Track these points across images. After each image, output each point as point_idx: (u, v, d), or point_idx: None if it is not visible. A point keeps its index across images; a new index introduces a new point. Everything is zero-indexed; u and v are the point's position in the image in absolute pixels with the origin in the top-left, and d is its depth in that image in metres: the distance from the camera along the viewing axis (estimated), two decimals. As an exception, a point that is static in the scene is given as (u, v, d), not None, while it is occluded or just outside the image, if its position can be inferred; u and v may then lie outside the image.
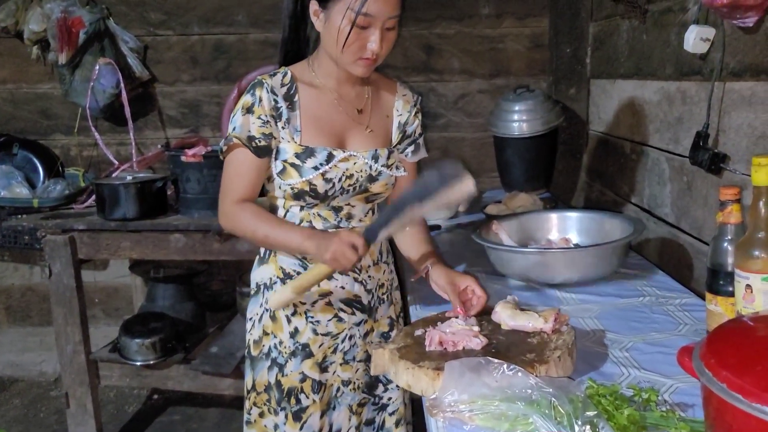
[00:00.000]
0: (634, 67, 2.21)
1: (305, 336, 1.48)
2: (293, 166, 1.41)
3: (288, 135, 1.42)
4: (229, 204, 1.43)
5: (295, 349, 1.48)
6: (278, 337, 1.49)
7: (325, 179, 1.42)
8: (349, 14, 1.32)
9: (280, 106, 1.41)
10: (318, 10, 1.39)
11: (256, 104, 1.40)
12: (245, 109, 1.41)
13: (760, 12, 1.34)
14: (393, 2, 1.34)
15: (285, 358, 1.48)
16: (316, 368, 1.49)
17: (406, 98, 1.57)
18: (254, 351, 1.52)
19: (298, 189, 1.42)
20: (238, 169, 1.43)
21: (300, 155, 1.41)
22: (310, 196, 1.43)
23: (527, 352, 1.19)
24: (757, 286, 1.11)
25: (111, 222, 2.41)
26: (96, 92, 2.78)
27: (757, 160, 1.10)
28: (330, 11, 1.35)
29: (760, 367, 0.79)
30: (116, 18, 2.94)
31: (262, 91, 1.40)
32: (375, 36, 1.34)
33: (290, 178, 1.42)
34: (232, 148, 1.42)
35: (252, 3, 2.98)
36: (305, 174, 1.41)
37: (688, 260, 1.82)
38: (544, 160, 2.73)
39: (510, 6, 2.98)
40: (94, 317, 3.15)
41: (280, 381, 1.49)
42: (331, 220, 1.48)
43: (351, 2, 1.31)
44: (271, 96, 1.40)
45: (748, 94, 1.49)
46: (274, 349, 1.49)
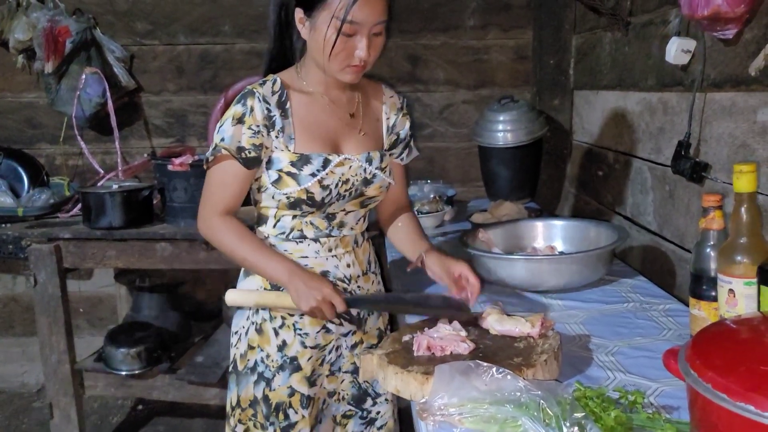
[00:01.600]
0: (617, 79, 2.25)
1: (293, 349, 1.45)
2: (289, 175, 1.39)
3: (282, 144, 1.39)
4: (210, 213, 1.42)
5: (283, 363, 1.45)
6: (265, 351, 1.45)
7: (322, 186, 1.40)
8: (335, 22, 1.30)
9: (273, 114, 1.38)
10: (303, 18, 1.37)
11: (246, 114, 1.37)
12: (235, 120, 1.37)
13: (739, 24, 1.38)
14: (379, 8, 1.32)
15: (272, 372, 1.45)
16: (305, 382, 1.46)
17: (392, 101, 1.57)
18: (240, 365, 1.48)
19: (295, 198, 1.40)
20: (224, 179, 1.40)
21: (295, 163, 1.39)
22: (307, 204, 1.41)
23: (514, 356, 1.20)
24: (739, 290, 1.13)
25: (96, 231, 2.39)
26: (82, 101, 2.77)
27: (739, 167, 1.13)
28: (315, 20, 1.34)
29: (743, 368, 0.81)
30: (103, 27, 2.93)
31: (254, 100, 1.37)
32: (362, 43, 1.33)
33: (287, 186, 1.39)
34: (219, 159, 1.39)
35: (238, 13, 2.99)
36: (303, 182, 1.39)
37: (671, 267, 1.85)
38: (529, 169, 2.76)
39: (495, 18, 3.02)
40: (79, 327, 3.11)
41: (268, 395, 1.45)
42: (323, 228, 1.46)
43: (336, 10, 1.30)
44: (263, 105, 1.37)
45: (728, 105, 1.53)
46: (260, 363, 1.46)
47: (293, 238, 1.46)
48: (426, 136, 3.12)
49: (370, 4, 1.31)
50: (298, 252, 1.46)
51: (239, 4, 2.98)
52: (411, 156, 1.63)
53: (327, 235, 1.47)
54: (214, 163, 1.41)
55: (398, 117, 1.57)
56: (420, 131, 3.11)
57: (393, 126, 1.56)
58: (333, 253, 1.48)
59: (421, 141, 3.11)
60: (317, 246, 1.46)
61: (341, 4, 1.29)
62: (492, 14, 3.02)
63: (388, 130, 1.56)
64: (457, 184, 3.03)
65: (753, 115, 1.42)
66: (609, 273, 1.79)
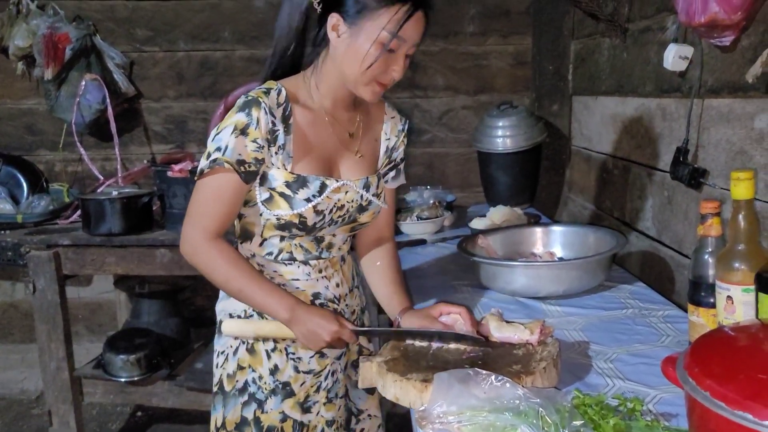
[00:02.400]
0: (616, 84, 2.25)
1: (286, 374, 1.38)
2: (282, 196, 1.31)
3: (280, 161, 1.30)
4: (200, 235, 1.28)
5: (275, 387, 1.38)
6: (257, 372, 1.38)
7: (316, 212, 1.32)
8: (383, 35, 1.24)
9: (277, 129, 1.29)
10: (339, 25, 1.28)
11: (252, 126, 1.26)
12: (239, 130, 1.26)
13: (736, 31, 1.39)
14: (422, 29, 1.29)
15: (265, 394, 1.38)
16: (297, 408, 1.39)
17: (394, 121, 1.51)
18: (227, 386, 1.40)
19: (285, 221, 1.32)
20: (219, 194, 1.28)
21: (291, 185, 1.31)
22: (297, 228, 1.33)
23: (513, 363, 1.20)
24: (737, 297, 1.13)
25: (96, 237, 2.40)
26: (82, 108, 2.77)
27: (736, 174, 1.13)
28: (359, 28, 1.26)
29: (742, 376, 0.81)
30: (103, 34, 2.94)
31: (260, 111, 1.26)
32: (400, 62, 1.29)
33: (278, 208, 1.31)
34: (216, 171, 1.27)
35: (238, 20, 3.00)
36: (296, 206, 1.31)
37: (670, 273, 1.85)
38: (528, 175, 2.76)
39: (494, 24, 3.03)
40: (78, 334, 3.11)
41: (259, 418, 1.37)
42: (312, 251, 1.40)
43: (387, 23, 1.24)
44: (269, 117, 1.27)
45: (725, 111, 1.54)
46: (252, 383, 1.38)
47: (282, 260, 1.39)
48: (425, 142, 3.12)
49: (420, 24, 1.27)
50: (288, 274, 1.39)
51: (239, 11, 2.99)
52: (398, 181, 1.54)
53: (317, 257, 1.41)
54: (208, 175, 1.28)
55: (398, 140, 1.51)
56: (419, 137, 3.12)
57: (391, 148, 1.50)
58: (323, 275, 1.43)
59: (420, 147, 3.12)
60: (308, 268, 1.41)
61: (395, 17, 1.24)
62: (491, 20, 3.03)
63: (387, 151, 1.50)
64: (457, 189, 3.04)
65: (750, 121, 1.43)
66: (608, 279, 1.79)
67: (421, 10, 1.27)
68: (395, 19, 1.24)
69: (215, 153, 1.26)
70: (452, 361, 1.23)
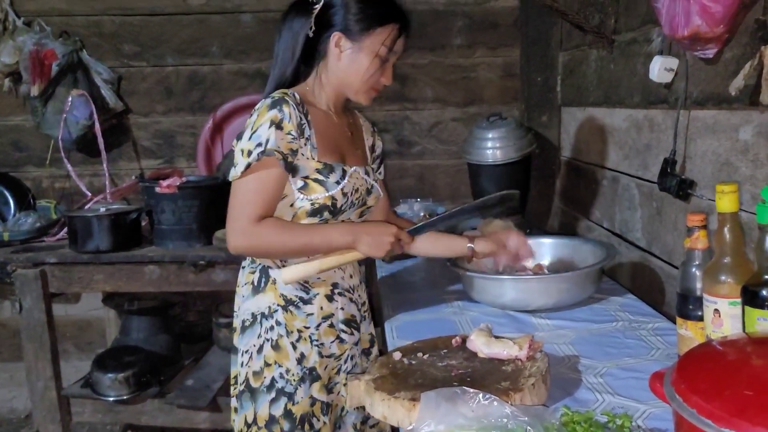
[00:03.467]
0: (603, 96, 2.26)
1: (312, 360, 1.48)
2: (317, 182, 1.45)
3: (308, 152, 1.45)
4: (247, 222, 1.38)
5: (303, 375, 1.47)
6: (284, 366, 1.46)
7: (343, 193, 1.47)
8: (382, 49, 1.47)
9: (303, 123, 1.44)
10: (342, 42, 1.48)
11: (285, 119, 1.40)
12: (275, 125, 1.39)
13: (719, 44, 1.39)
14: (405, 43, 1.54)
15: (294, 385, 1.46)
16: (323, 390, 1.50)
17: (366, 125, 1.70)
18: (254, 383, 1.47)
19: (320, 204, 1.45)
20: (263, 185, 1.39)
21: (321, 171, 1.45)
22: (329, 211, 1.47)
23: (502, 380, 1.19)
24: (724, 310, 1.13)
25: (83, 254, 2.38)
26: (69, 124, 2.76)
27: (721, 187, 1.13)
28: (361, 44, 1.47)
29: (728, 392, 0.81)
30: (90, 50, 2.93)
31: (289, 107, 1.41)
32: (389, 71, 1.52)
33: (314, 192, 1.44)
34: (264, 164, 1.38)
35: (226, 34, 3.00)
36: (330, 188, 1.45)
37: (660, 284, 1.85)
38: (518, 186, 2.74)
39: (482, 36, 3.04)
40: (66, 352, 3.08)
41: (291, 410, 1.45)
42: None
43: (385, 38, 1.47)
44: (296, 112, 1.42)
45: (711, 122, 1.54)
46: (280, 378, 1.46)
47: None
48: (415, 154, 3.12)
49: (404, 38, 1.52)
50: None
51: (227, 26, 2.99)
52: (382, 174, 1.72)
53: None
54: (251, 171, 1.39)
55: (374, 138, 1.71)
56: (409, 149, 3.12)
57: (372, 145, 1.70)
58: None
59: (410, 159, 3.12)
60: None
61: (392, 34, 1.48)
62: (479, 33, 3.04)
63: (370, 149, 1.69)
64: (448, 201, 3.03)
65: (735, 133, 1.43)
66: (598, 291, 1.78)
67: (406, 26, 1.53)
68: (392, 36, 1.48)
69: (257, 148, 1.38)
70: (440, 378, 1.22)
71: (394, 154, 3.06)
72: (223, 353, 2.61)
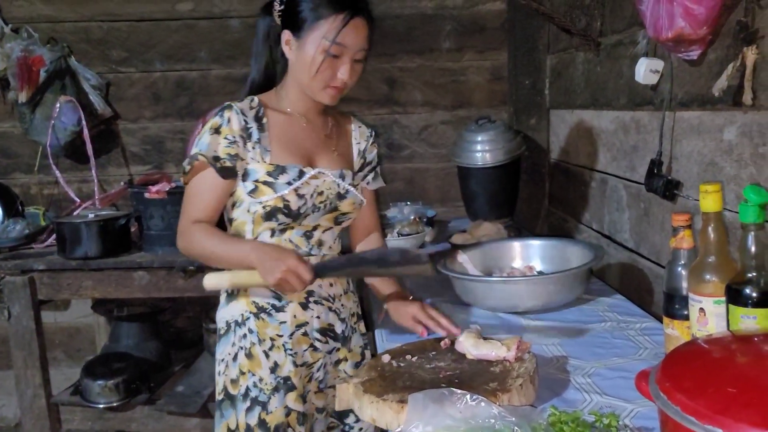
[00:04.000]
0: (591, 98, 2.27)
1: (286, 369, 1.46)
2: (266, 184, 1.43)
3: (258, 155, 1.44)
4: (186, 223, 1.43)
5: (277, 384, 1.45)
6: (257, 375, 1.45)
7: (298, 195, 1.44)
8: (324, 43, 1.41)
9: (250, 126, 1.43)
10: (290, 40, 1.45)
11: (224, 125, 1.41)
12: (213, 130, 1.42)
13: (702, 46, 1.40)
14: (363, 36, 1.45)
15: (267, 395, 1.45)
16: (299, 400, 1.47)
17: (362, 130, 1.66)
18: (233, 390, 1.47)
19: (271, 206, 1.42)
20: (200, 188, 1.43)
21: (271, 173, 1.43)
22: (283, 213, 1.44)
23: (490, 381, 1.19)
24: (709, 309, 1.13)
25: (72, 261, 2.36)
26: (57, 130, 2.75)
27: (704, 187, 1.14)
28: (304, 39, 1.43)
29: (712, 389, 0.81)
30: (78, 56, 2.93)
31: (231, 112, 1.42)
32: (345, 66, 1.43)
33: (263, 195, 1.42)
34: (197, 168, 1.42)
35: (213, 39, 3.00)
36: (279, 189, 1.42)
37: (648, 285, 1.86)
38: (508, 189, 2.77)
39: (470, 40, 3.05)
40: (56, 359, 3.06)
41: (265, 420, 1.44)
42: (303, 247, 1.50)
43: (326, 32, 1.41)
44: (240, 117, 1.42)
45: (696, 123, 1.55)
46: (253, 387, 1.45)
47: None
48: (405, 158, 3.13)
49: (357, 30, 1.43)
50: None
51: (215, 31, 2.99)
52: (377, 183, 1.68)
53: (308, 254, 1.49)
54: (191, 175, 1.44)
55: (368, 144, 1.66)
56: (399, 152, 3.13)
57: (363, 150, 1.64)
58: None
59: (400, 162, 3.13)
60: None
61: (332, 26, 1.40)
62: (467, 36, 3.05)
63: (359, 154, 1.64)
64: (437, 204, 3.04)
65: (719, 133, 1.44)
66: (587, 292, 1.79)
67: (359, 17, 1.44)
68: (333, 27, 1.41)
69: (197, 151, 1.42)
70: (429, 380, 1.22)
71: (383, 158, 3.06)
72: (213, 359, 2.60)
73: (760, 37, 1.26)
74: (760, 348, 0.89)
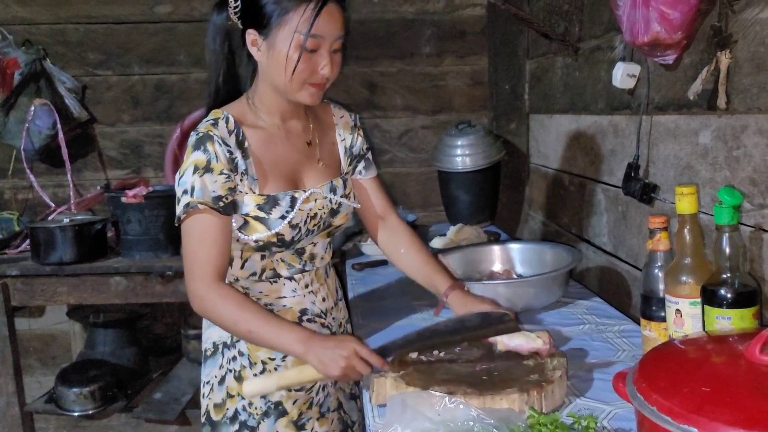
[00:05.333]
0: (569, 102, 2.29)
1: (277, 394, 1.38)
2: (257, 220, 1.32)
3: (246, 186, 1.32)
4: (200, 285, 1.27)
5: (268, 409, 1.38)
6: (246, 398, 1.37)
7: (291, 226, 1.34)
8: (297, 37, 1.26)
9: (235, 157, 1.30)
10: (257, 40, 1.31)
11: (213, 161, 1.27)
12: (202, 169, 1.27)
13: (678, 50, 1.42)
14: (339, 21, 1.30)
15: (257, 420, 1.38)
16: (291, 426, 1.40)
17: (344, 120, 1.53)
18: (216, 415, 1.39)
19: (264, 242, 1.33)
20: (204, 237, 1.27)
21: (263, 206, 1.32)
22: (277, 246, 1.35)
23: (530, 373, 1.20)
24: (685, 310, 1.14)
25: (46, 267, 2.33)
26: (31, 134, 2.71)
27: (680, 189, 1.15)
28: (274, 38, 1.28)
29: (687, 389, 0.82)
30: (53, 58, 2.88)
31: (214, 145, 1.27)
32: (325, 59, 1.29)
33: (255, 232, 1.32)
34: (192, 213, 1.27)
35: (193, 43, 2.97)
36: (273, 226, 1.32)
37: (626, 287, 1.87)
38: (488, 193, 2.78)
39: (450, 45, 3.07)
40: (30, 367, 3.00)
41: None
42: (296, 264, 1.42)
43: (297, 25, 1.26)
44: (224, 148, 1.28)
45: (672, 127, 1.57)
46: (242, 411, 1.38)
47: (267, 278, 1.40)
48: (386, 162, 3.12)
49: (333, 17, 1.29)
50: (274, 293, 1.41)
51: (194, 34, 2.97)
52: (371, 171, 1.57)
53: (301, 271, 1.43)
54: (186, 220, 1.29)
55: (353, 136, 1.53)
56: (380, 157, 3.12)
57: (349, 147, 1.53)
58: (309, 290, 1.45)
59: (381, 167, 3.07)
60: (293, 284, 1.42)
61: (303, 17, 1.26)
62: (447, 41, 3.06)
63: (346, 152, 1.52)
64: (418, 209, 3.04)
65: (695, 137, 1.46)
66: (566, 295, 1.80)
67: (331, 2, 1.28)
68: (305, 18, 1.26)
69: (184, 197, 1.28)
70: (466, 374, 1.22)
71: (364, 162, 3.06)
72: (192, 365, 2.58)
73: (733, 41, 1.28)
74: (734, 348, 0.90)
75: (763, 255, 1.23)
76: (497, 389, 1.13)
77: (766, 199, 1.22)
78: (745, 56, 1.26)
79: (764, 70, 1.20)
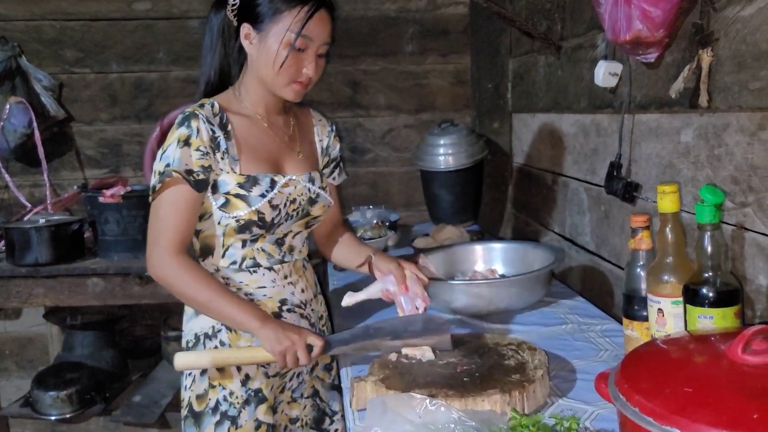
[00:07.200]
0: (552, 101, 2.28)
1: (257, 381, 1.42)
2: (238, 197, 1.37)
3: (227, 166, 1.37)
4: (164, 252, 1.32)
5: (248, 397, 1.41)
6: (228, 388, 1.40)
7: (272, 206, 1.39)
8: (288, 35, 1.35)
9: (217, 135, 1.36)
10: (250, 33, 1.39)
11: (193, 136, 1.34)
12: (182, 142, 1.33)
13: (659, 48, 1.41)
14: (328, 28, 1.40)
15: (238, 408, 1.40)
16: (269, 413, 1.43)
17: (322, 123, 1.62)
18: (198, 406, 1.41)
19: (245, 220, 1.37)
20: (176, 207, 1.33)
21: (243, 185, 1.37)
22: (258, 226, 1.39)
23: (511, 372, 1.20)
24: (667, 309, 1.14)
25: (22, 268, 2.28)
26: (6, 132, 2.65)
27: (662, 188, 1.14)
28: (267, 33, 1.37)
29: (669, 390, 0.81)
30: (29, 56, 2.83)
31: (198, 122, 1.34)
32: (311, 60, 1.39)
33: (236, 209, 1.37)
34: (168, 184, 1.33)
35: (173, 40, 2.93)
36: (253, 203, 1.37)
37: (609, 287, 1.87)
38: (471, 192, 2.77)
39: (433, 43, 3.05)
40: (6, 370, 2.95)
41: None
42: (275, 255, 1.46)
43: (290, 24, 1.35)
44: (207, 126, 1.35)
45: (654, 126, 1.56)
46: (223, 401, 1.40)
47: (247, 267, 1.43)
48: (368, 161, 3.11)
49: (323, 22, 1.39)
50: (254, 283, 1.43)
51: (174, 31, 2.93)
52: (341, 177, 1.66)
53: (280, 262, 1.47)
54: (161, 191, 1.34)
55: (330, 139, 1.62)
56: (362, 156, 3.10)
57: (326, 147, 1.61)
58: (289, 280, 1.48)
59: (363, 166, 3.11)
60: (273, 274, 1.45)
61: (297, 18, 1.35)
62: (430, 40, 3.05)
63: (323, 152, 1.60)
64: (401, 208, 3.02)
65: (677, 136, 1.45)
66: (549, 294, 1.79)
67: (323, 9, 1.39)
68: (298, 19, 1.35)
69: (166, 168, 1.33)
70: (448, 375, 1.22)
71: (347, 162, 3.03)
72: (172, 368, 2.53)
73: (714, 39, 1.27)
74: (716, 347, 0.89)
75: (745, 254, 1.23)
76: (479, 390, 1.12)
77: (747, 198, 1.21)
78: (727, 54, 1.25)
79: (746, 68, 1.20)
